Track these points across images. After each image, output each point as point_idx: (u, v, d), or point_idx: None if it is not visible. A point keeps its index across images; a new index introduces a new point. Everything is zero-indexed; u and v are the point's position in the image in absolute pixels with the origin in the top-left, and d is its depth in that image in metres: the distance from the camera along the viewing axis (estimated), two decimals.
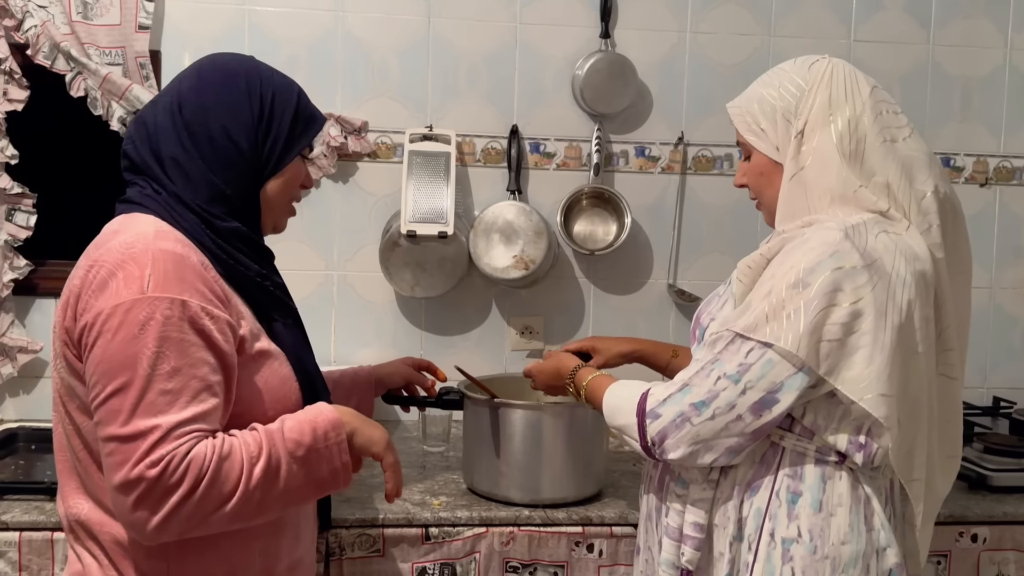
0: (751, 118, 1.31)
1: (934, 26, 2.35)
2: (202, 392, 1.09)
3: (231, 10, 2.16)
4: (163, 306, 1.07)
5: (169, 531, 1.07)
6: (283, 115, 1.23)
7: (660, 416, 1.24)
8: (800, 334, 1.16)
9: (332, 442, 1.15)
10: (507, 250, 2.17)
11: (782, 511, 1.23)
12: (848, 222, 1.21)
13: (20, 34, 2.05)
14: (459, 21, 2.22)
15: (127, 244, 1.12)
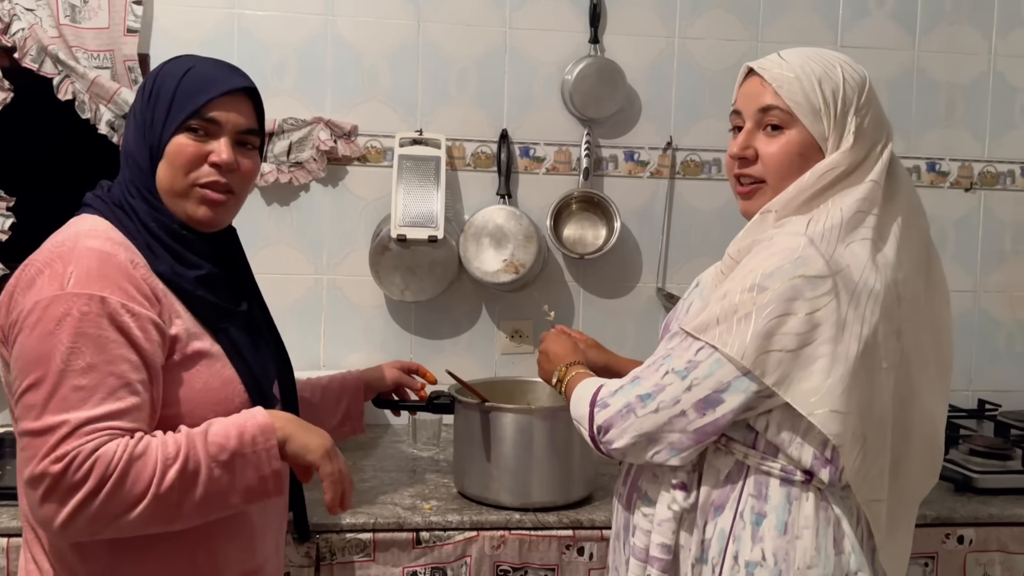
0: (810, 90, 1.16)
1: (919, 32, 2.37)
2: (119, 389, 1.07)
3: (220, 14, 2.15)
4: (80, 302, 1.07)
5: (77, 529, 1.05)
6: (164, 97, 1.19)
7: (608, 406, 1.22)
8: (747, 341, 1.11)
9: (260, 447, 1.11)
10: (497, 254, 2.18)
11: (746, 533, 1.17)
12: (817, 228, 1.14)
13: (7, 37, 2.04)
14: (449, 26, 2.22)
15: (58, 243, 1.13)
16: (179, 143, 1.18)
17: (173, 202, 1.20)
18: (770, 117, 1.20)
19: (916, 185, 2.37)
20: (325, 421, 1.58)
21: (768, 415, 1.17)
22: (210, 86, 1.19)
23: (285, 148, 2.17)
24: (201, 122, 1.19)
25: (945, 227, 2.42)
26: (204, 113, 1.19)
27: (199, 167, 1.19)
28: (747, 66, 1.25)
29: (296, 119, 2.17)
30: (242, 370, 1.22)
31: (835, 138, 1.18)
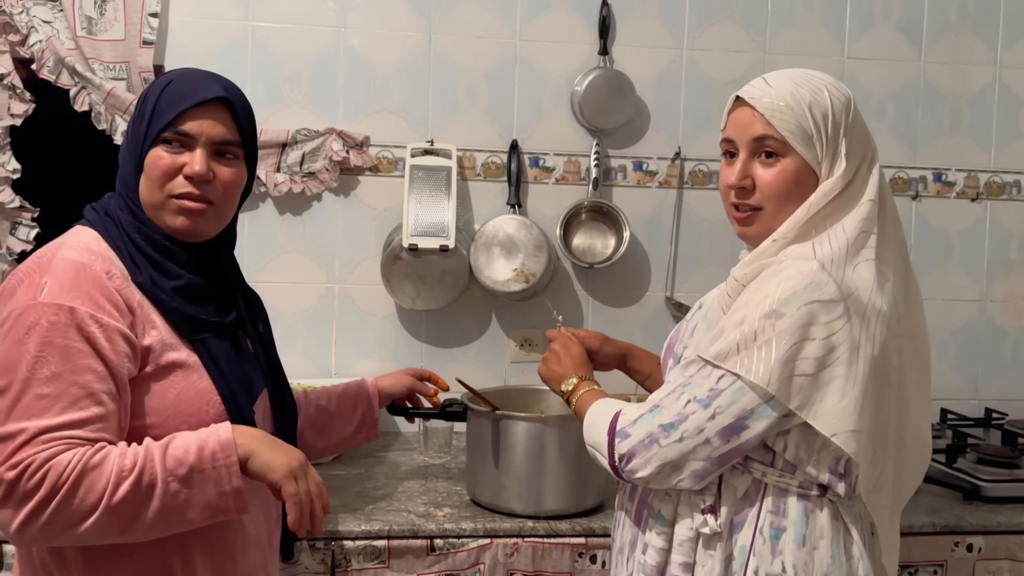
0: (802, 118, 1.19)
1: (925, 44, 2.39)
2: (82, 399, 1.08)
3: (234, 26, 2.18)
4: (50, 312, 1.09)
5: (31, 536, 1.07)
6: (145, 112, 1.20)
7: (630, 436, 1.23)
8: (771, 367, 1.13)
9: (220, 464, 1.10)
10: (508, 263, 2.20)
11: (766, 548, 1.20)
12: (826, 252, 1.17)
13: (25, 49, 2.06)
14: (460, 38, 2.25)
15: (40, 254, 1.16)
16: (154, 156, 1.19)
17: (154, 214, 1.22)
18: (765, 146, 1.21)
19: (923, 195, 2.42)
20: (341, 428, 1.61)
21: (786, 435, 1.20)
22: (183, 98, 1.20)
23: (298, 158, 2.19)
24: (175, 134, 1.19)
25: (951, 237, 2.44)
26: (177, 125, 1.19)
27: (173, 179, 1.20)
28: (735, 95, 1.26)
29: (309, 130, 2.19)
30: (219, 381, 1.21)
31: (828, 162, 1.20)
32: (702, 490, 1.23)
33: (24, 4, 2.06)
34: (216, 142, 1.22)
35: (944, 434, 2.26)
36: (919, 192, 2.42)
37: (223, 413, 1.20)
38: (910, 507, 1.78)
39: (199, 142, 1.21)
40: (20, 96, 2.08)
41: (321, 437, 1.59)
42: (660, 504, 1.27)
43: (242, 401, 1.24)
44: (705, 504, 1.23)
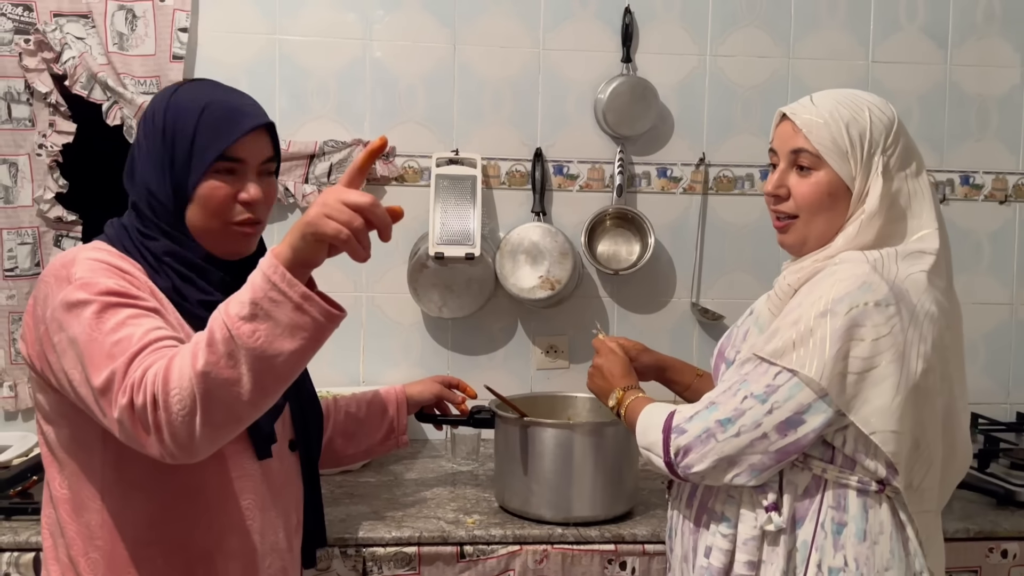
0: (837, 134, 1.25)
1: (951, 46, 2.38)
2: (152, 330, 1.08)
3: (262, 40, 2.21)
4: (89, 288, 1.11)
5: (183, 441, 1.02)
6: (183, 137, 1.19)
7: (686, 432, 1.27)
8: (825, 362, 1.18)
9: (273, 282, 1.00)
10: (533, 271, 2.21)
11: (828, 542, 1.24)
12: (875, 255, 1.23)
13: (59, 65, 2.11)
14: (484, 48, 2.26)
15: (60, 259, 1.18)
16: (211, 187, 1.20)
17: (207, 239, 1.23)
18: (801, 159, 1.28)
19: (950, 199, 2.40)
20: (370, 435, 1.63)
21: (845, 431, 1.24)
22: (233, 125, 1.20)
23: (326, 169, 2.22)
24: (228, 163, 1.20)
25: (980, 240, 2.42)
26: (229, 153, 1.20)
27: (231, 207, 1.22)
28: (780, 111, 1.34)
29: (336, 141, 2.22)
30: None
31: (862, 178, 1.26)
32: (763, 488, 1.26)
33: (57, 21, 2.11)
34: (262, 163, 1.25)
35: (976, 439, 2.23)
36: (946, 195, 2.40)
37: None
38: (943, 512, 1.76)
39: (250, 167, 1.22)
40: (63, 113, 2.13)
41: (351, 444, 1.61)
42: (723, 506, 1.30)
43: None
44: (768, 501, 1.26)
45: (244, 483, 1.24)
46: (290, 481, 1.34)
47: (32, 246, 2.16)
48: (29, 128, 2.14)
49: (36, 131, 2.13)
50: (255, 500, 1.25)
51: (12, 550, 1.56)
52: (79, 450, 1.20)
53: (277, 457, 1.28)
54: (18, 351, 2.18)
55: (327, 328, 1.04)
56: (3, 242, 2.15)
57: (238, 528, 1.23)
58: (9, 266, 2.16)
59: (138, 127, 1.26)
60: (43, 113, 2.13)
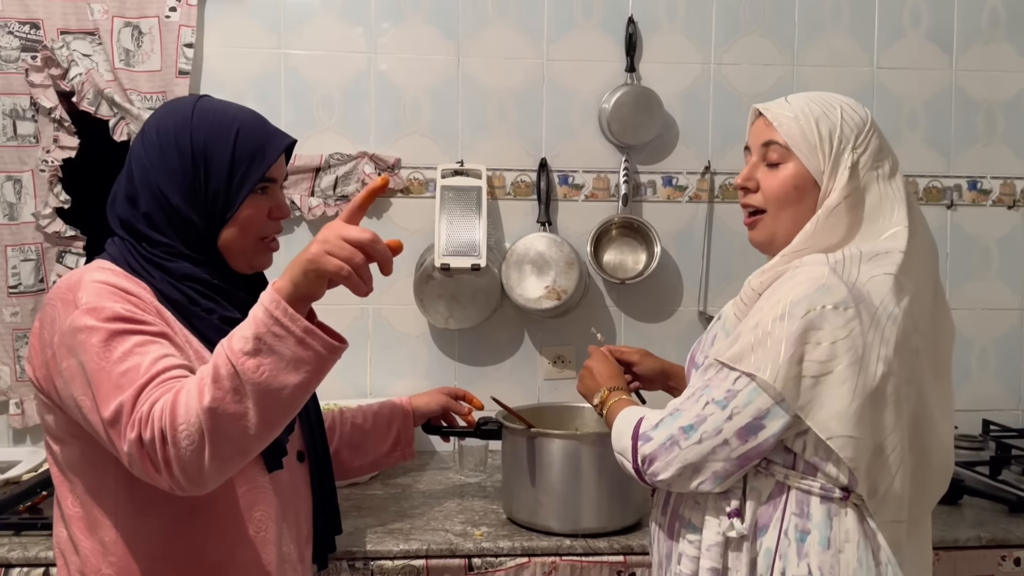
0: (807, 128, 1.25)
1: (956, 51, 2.37)
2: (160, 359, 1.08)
3: (267, 54, 2.23)
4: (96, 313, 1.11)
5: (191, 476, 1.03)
6: (219, 163, 1.21)
7: (651, 439, 1.26)
8: (779, 366, 1.16)
9: (276, 316, 1.02)
10: (539, 281, 2.21)
11: (791, 550, 1.22)
12: (836, 256, 1.21)
13: (66, 82, 2.13)
14: (488, 60, 2.27)
15: (65, 280, 1.19)
16: (252, 209, 1.24)
17: (239, 258, 1.26)
18: (771, 152, 1.29)
19: (958, 204, 2.39)
20: (377, 446, 1.63)
21: (804, 436, 1.22)
22: (268, 150, 1.23)
23: (332, 182, 2.23)
24: (262, 183, 1.25)
25: (989, 245, 2.41)
26: (265, 175, 1.24)
27: (266, 224, 1.27)
28: (755, 108, 1.34)
29: (342, 154, 2.23)
30: None
31: (830, 172, 1.25)
32: (727, 494, 1.25)
33: (64, 39, 2.13)
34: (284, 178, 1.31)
35: (987, 445, 2.22)
36: (954, 201, 2.39)
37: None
38: (955, 520, 1.76)
39: (277, 184, 1.28)
40: (68, 129, 2.15)
41: (357, 456, 1.61)
42: (690, 512, 1.29)
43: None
44: (730, 507, 1.25)
45: (255, 495, 1.24)
46: (299, 492, 1.34)
47: (36, 262, 2.17)
48: (33, 145, 2.15)
49: (40, 147, 2.15)
50: (266, 512, 1.25)
51: (22, 565, 1.56)
52: (90, 469, 1.20)
53: (286, 468, 1.28)
54: (24, 369, 2.19)
55: (330, 360, 1.06)
56: (7, 259, 2.17)
57: (250, 541, 1.23)
58: (13, 283, 2.17)
59: (147, 148, 1.23)
60: (47, 129, 2.15)
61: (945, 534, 1.69)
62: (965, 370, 2.39)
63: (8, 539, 1.62)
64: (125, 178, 1.25)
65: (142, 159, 1.23)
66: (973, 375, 2.40)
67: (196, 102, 1.27)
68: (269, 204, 1.26)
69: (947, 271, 2.38)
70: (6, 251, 2.16)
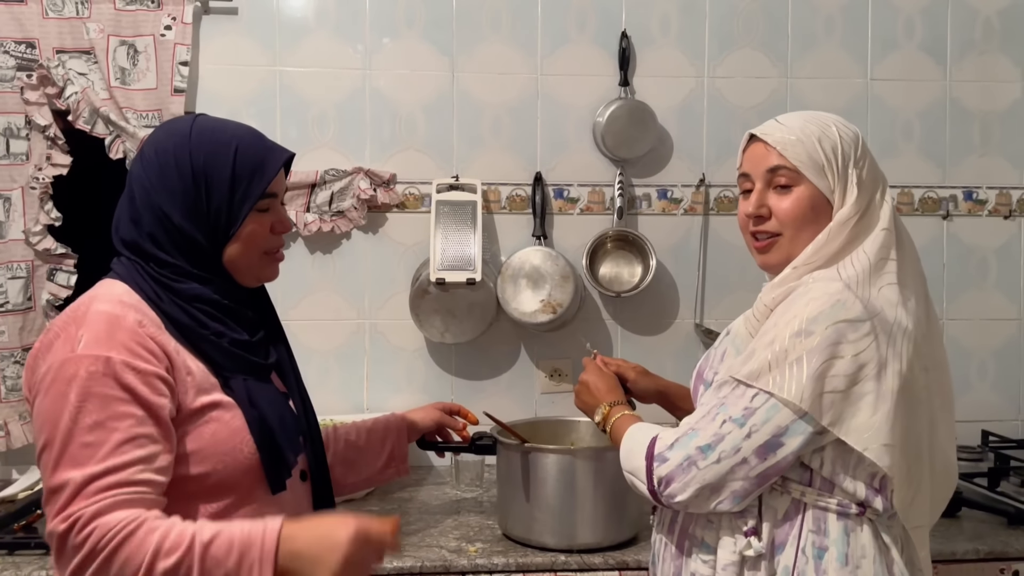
0: (812, 149, 1.26)
1: (950, 62, 2.38)
2: (124, 444, 1.09)
3: (263, 72, 2.24)
4: (87, 363, 1.11)
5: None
6: (219, 181, 1.21)
7: (667, 460, 1.24)
8: (803, 384, 1.16)
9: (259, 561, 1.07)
10: (535, 295, 2.21)
11: (809, 567, 1.21)
12: (848, 272, 1.22)
13: (61, 101, 2.14)
14: (482, 75, 2.28)
15: (74, 308, 1.18)
16: (255, 225, 1.24)
17: (245, 273, 1.27)
18: (779, 177, 1.28)
19: (953, 215, 2.39)
20: (371, 463, 1.61)
21: (822, 452, 1.22)
22: (267, 165, 1.24)
23: (327, 198, 2.23)
24: (264, 199, 1.25)
25: (986, 256, 2.40)
26: (266, 190, 1.25)
27: (269, 238, 1.27)
28: (749, 133, 1.33)
29: (337, 170, 2.23)
30: (252, 420, 1.22)
31: (840, 190, 1.27)
32: (743, 513, 1.24)
33: (60, 58, 2.14)
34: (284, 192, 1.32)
35: (986, 456, 2.21)
36: (950, 211, 2.39)
37: (254, 451, 1.22)
38: (953, 533, 1.75)
39: (279, 198, 1.28)
40: (61, 147, 2.15)
41: (351, 472, 1.60)
42: (703, 531, 1.28)
43: (281, 441, 1.25)
44: (747, 526, 1.24)
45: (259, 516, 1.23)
46: (301, 512, 1.33)
47: (24, 280, 2.17)
48: (24, 163, 2.15)
49: (32, 164, 2.15)
50: None
51: None
52: None
53: (290, 489, 1.28)
54: (9, 388, 2.17)
55: None
56: None
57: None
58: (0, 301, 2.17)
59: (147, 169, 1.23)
60: (40, 146, 2.15)
61: (943, 547, 1.68)
62: (964, 381, 2.38)
63: (2, 559, 1.62)
64: (127, 200, 1.25)
65: (142, 180, 1.23)
66: (972, 386, 2.40)
67: (193, 121, 1.26)
68: (271, 219, 1.27)
69: (944, 282, 2.38)
70: None
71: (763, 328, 1.25)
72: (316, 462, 1.38)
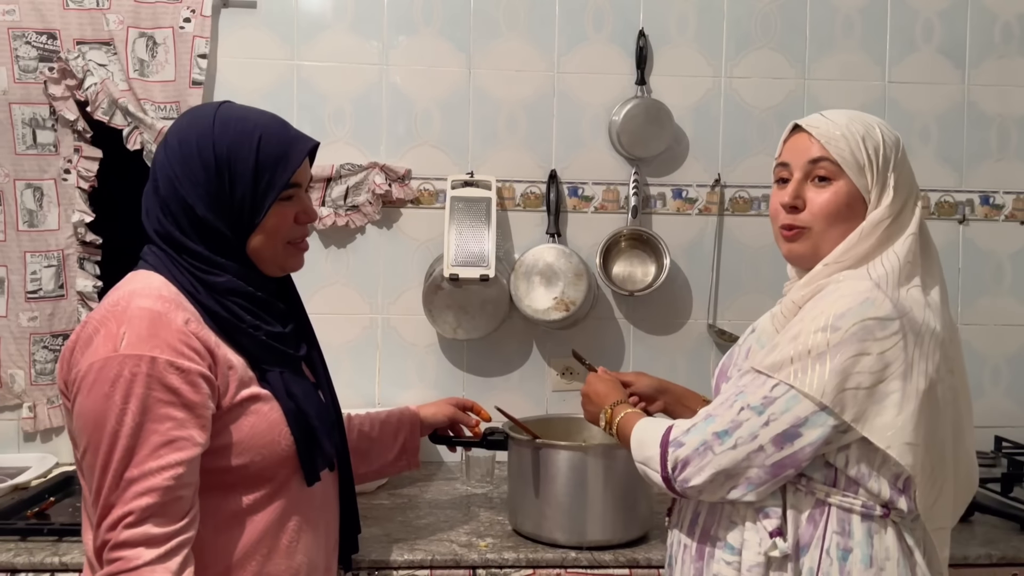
0: (855, 147, 1.26)
1: (969, 66, 2.37)
2: (162, 447, 1.10)
3: (280, 65, 2.25)
4: (131, 363, 1.10)
5: None
6: (243, 171, 1.20)
7: (683, 444, 1.25)
8: (825, 379, 1.17)
9: None
10: (548, 292, 2.21)
11: (834, 568, 1.22)
12: (878, 271, 1.23)
13: (81, 92, 2.15)
14: (499, 72, 2.28)
15: (113, 302, 1.16)
16: (279, 215, 1.24)
17: (269, 263, 1.26)
18: (819, 169, 1.28)
19: (970, 219, 2.38)
20: (383, 454, 1.62)
21: (847, 450, 1.22)
22: (291, 154, 1.23)
23: (342, 192, 2.24)
24: (287, 188, 1.24)
25: (1002, 261, 2.39)
26: (292, 180, 1.24)
27: (293, 228, 1.27)
28: (794, 123, 1.33)
29: (352, 164, 2.24)
30: (289, 412, 1.23)
31: (877, 191, 1.27)
32: (767, 513, 1.24)
33: (80, 49, 2.16)
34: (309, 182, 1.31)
35: (999, 462, 2.20)
36: (966, 216, 2.38)
37: (292, 443, 1.23)
38: (965, 538, 1.74)
39: (303, 188, 1.27)
40: (88, 140, 2.17)
41: (362, 463, 1.61)
42: (726, 532, 1.28)
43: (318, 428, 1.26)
44: (772, 527, 1.24)
45: (291, 506, 1.25)
46: (328, 500, 1.34)
47: (56, 268, 2.20)
48: (53, 154, 2.18)
49: (61, 156, 2.18)
50: (299, 521, 1.26)
51: (28, 571, 1.57)
52: None
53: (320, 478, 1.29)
54: (39, 372, 2.21)
55: None
56: (26, 265, 2.19)
57: (282, 550, 1.23)
58: (32, 288, 2.19)
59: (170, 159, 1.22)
60: (67, 139, 2.18)
61: (956, 551, 1.67)
62: (978, 386, 2.37)
63: (15, 544, 1.63)
64: (152, 190, 1.24)
65: (166, 170, 1.22)
66: (986, 391, 2.38)
67: (217, 109, 1.25)
68: (295, 208, 1.26)
69: (959, 287, 2.37)
70: (25, 257, 2.19)
71: (790, 324, 1.25)
72: (342, 452, 1.39)
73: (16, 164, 2.18)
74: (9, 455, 2.19)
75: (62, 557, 1.57)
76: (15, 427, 2.22)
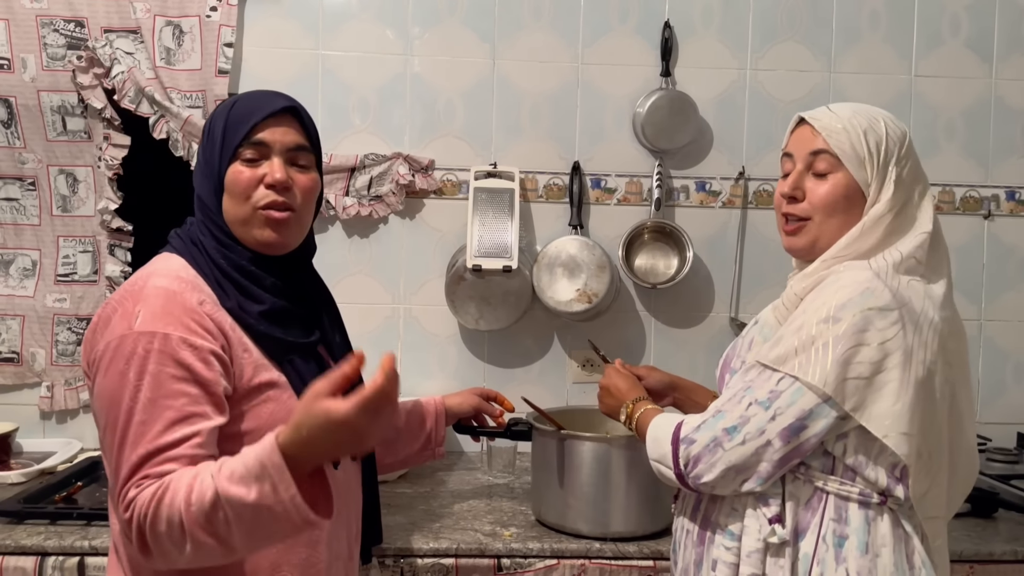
0: (856, 140, 1.27)
1: (996, 60, 2.35)
2: (176, 423, 1.10)
3: (305, 55, 2.25)
4: (145, 340, 1.12)
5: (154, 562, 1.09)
6: (216, 134, 1.24)
7: (695, 441, 1.27)
8: (827, 369, 1.18)
9: (282, 498, 1.02)
10: (570, 284, 2.21)
11: (829, 555, 1.23)
12: (878, 263, 1.24)
13: (108, 80, 2.16)
14: (523, 63, 2.28)
15: (131, 282, 1.19)
16: (234, 172, 1.23)
17: (242, 231, 1.24)
18: (819, 161, 1.30)
19: (995, 214, 2.37)
20: (408, 444, 1.63)
21: (845, 439, 1.24)
22: (254, 112, 1.23)
23: (366, 182, 2.24)
24: (251, 147, 1.22)
25: None
26: (252, 137, 1.22)
27: (256, 190, 1.23)
28: (799, 116, 1.35)
29: (376, 154, 2.24)
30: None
31: (877, 185, 1.28)
32: (767, 500, 1.26)
33: (108, 37, 2.17)
34: (289, 149, 1.25)
35: (1022, 459, 2.19)
36: (991, 211, 2.36)
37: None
38: (990, 534, 1.74)
39: (274, 151, 1.24)
40: (117, 127, 2.19)
41: (388, 453, 1.62)
42: (727, 519, 1.29)
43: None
44: (771, 514, 1.25)
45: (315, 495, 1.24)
46: (351, 490, 1.35)
47: (92, 254, 2.23)
48: (85, 140, 2.20)
49: (93, 144, 2.20)
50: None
51: (57, 554, 1.58)
52: None
53: (342, 468, 1.29)
54: (60, 352, 2.23)
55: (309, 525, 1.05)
56: (59, 248, 2.21)
57: (305, 540, 1.24)
58: (64, 271, 2.22)
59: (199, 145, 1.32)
60: (98, 127, 2.19)
61: (980, 547, 1.67)
62: (1000, 383, 2.36)
63: (44, 528, 1.65)
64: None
65: (197, 155, 1.30)
66: (1008, 388, 2.37)
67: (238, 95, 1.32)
68: (262, 171, 1.23)
69: (983, 282, 2.35)
70: (58, 241, 2.21)
71: (793, 315, 1.27)
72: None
73: (48, 150, 2.20)
74: (34, 439, 2.21)
75: (91, 541, 1.59)
76: (39, 413, 2.24)
